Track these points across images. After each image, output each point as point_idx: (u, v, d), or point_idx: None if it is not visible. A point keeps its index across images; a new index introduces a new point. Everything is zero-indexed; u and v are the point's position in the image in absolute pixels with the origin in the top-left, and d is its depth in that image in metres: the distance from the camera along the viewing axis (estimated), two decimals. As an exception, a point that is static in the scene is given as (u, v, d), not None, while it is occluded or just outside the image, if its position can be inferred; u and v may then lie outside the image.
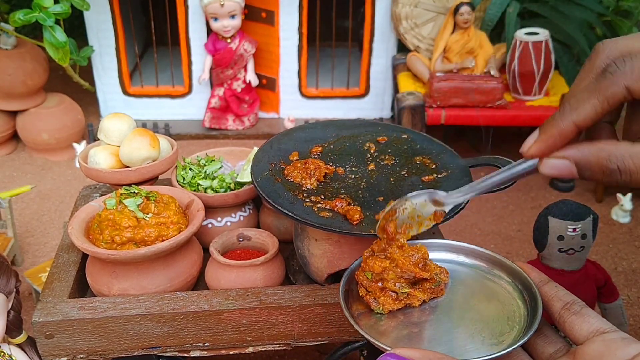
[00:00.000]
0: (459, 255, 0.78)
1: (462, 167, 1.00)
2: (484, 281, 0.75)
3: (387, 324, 0.69)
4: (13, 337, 1.15)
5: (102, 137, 1.16)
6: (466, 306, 0.71)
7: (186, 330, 0.94)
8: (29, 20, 1.90)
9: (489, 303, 0.71)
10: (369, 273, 0.72)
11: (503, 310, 0.69)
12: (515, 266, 0.72)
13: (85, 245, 0.95)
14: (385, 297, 0.70)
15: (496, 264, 0.76)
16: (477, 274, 0.76)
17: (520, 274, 0.71)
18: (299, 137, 1.06)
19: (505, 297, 0.71)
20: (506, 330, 0.66)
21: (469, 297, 0.72)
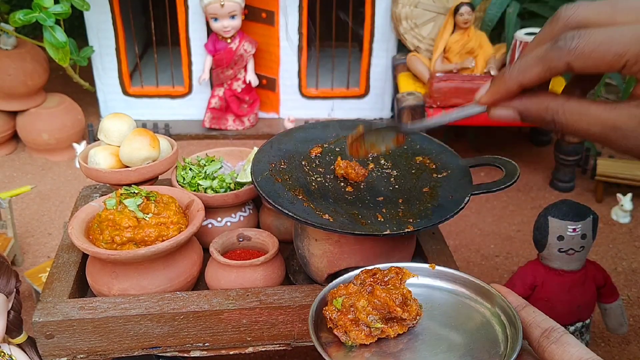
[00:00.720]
0: (435, 279, 0.75)
1: (462, 167, 1.00)
2: (461, 306, 0.72)
3: (360, 354, 0.66)
4: (13, 337, 1.15)
5: (102, 137, 1.16)
6: (443, 334, 0.68)
7: (186, 330, 0.94)
8: (29, 20, 1.90)
9: (466, 329, 0.68)
10: (339, 300, 0.67)
11: (481, 337, 0.66)
12: (493, 290, 0.70)
13: (86, 245, 0.95)
14: (357, 332, 0.66)
15: (472, 287, 0.73)
16: (453, 299, 0.73)
17: (497, 298, 0.68)
18: (299, 137, 1.06)
19: (483, 322, 0.68)
20: (485, 357, 0.64)
21: (445, 323, 0.69)
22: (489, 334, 0.66)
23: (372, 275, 0.69)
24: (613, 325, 1.39)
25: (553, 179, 2.26)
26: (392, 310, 0.65)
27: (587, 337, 1.38)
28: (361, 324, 0.65)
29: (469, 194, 0.93)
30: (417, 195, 0.95)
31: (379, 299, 0.66)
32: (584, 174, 2.30)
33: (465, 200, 0.92)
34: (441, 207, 0.91)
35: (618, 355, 1.53)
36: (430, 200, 0.93)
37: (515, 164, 0.98)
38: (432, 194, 0.95)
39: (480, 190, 0.94)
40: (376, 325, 0.65)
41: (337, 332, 0.66)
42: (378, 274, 0.69)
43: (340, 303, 0.67)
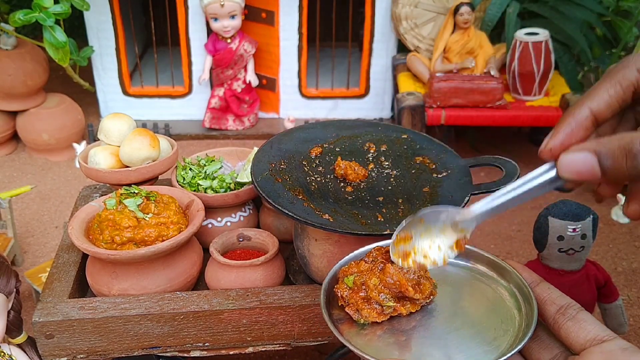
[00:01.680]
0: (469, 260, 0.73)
1: (462, 167, 1.00)
2: (475, 282, 0.70)
3: (372, 331, 0.65)
4: (13, 337, 1.15)
5: (102, 137, 1.16)
6: (456, 310, 0.67)
7: (186, 330, 0.94)
8: (29, 20, 1.90)
9: (480, 306, 0.67)
10: (350, 278, 0.66)
11: (495, 313, 0.65)
12: (508, 266, 0.68)
13: (86, 245, 0.95)
14: (369, 310, 0.65)
15: (487, 263, 0.72)
16: (467, 275, 0.72)
17: (512, 274, 0.67)
18: (299, 137, 1.06)
19: (497, 299, 0.67)
20: (500, 334, 0.63)
21: (459, 300, 0.68)
22: (503, 311, 0.65)
23: (385, 253, 0.67)
24: (613, 325, 1.39)
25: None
26: (405, 290, 0.64)
27: (587, 337, 1.38)
28: (373, 302, 0.64)
29: (469, 194, 0.93)
30: (417, 195, 0.95)
31: (392, 277, 0.64)
32: (584, 174, 2.30)
33: (465, 200, 0.92)
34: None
35: (618, 355, 1.53)
36: (430, 200, 0.93)
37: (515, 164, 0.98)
38: (432, 194, 0.95)
39: (480, 190, 0.94)
40: (388, 304, 0.64)
41: (349, 310, 0.65)
42: None
43: (352, 281, 0.65)
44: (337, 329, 0.63)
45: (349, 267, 0.67)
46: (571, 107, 0.53)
